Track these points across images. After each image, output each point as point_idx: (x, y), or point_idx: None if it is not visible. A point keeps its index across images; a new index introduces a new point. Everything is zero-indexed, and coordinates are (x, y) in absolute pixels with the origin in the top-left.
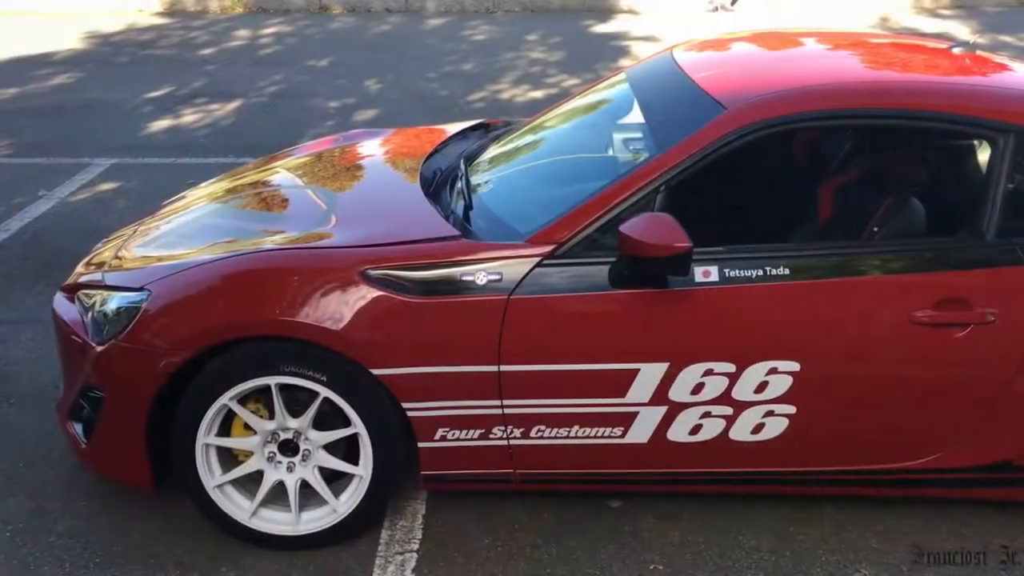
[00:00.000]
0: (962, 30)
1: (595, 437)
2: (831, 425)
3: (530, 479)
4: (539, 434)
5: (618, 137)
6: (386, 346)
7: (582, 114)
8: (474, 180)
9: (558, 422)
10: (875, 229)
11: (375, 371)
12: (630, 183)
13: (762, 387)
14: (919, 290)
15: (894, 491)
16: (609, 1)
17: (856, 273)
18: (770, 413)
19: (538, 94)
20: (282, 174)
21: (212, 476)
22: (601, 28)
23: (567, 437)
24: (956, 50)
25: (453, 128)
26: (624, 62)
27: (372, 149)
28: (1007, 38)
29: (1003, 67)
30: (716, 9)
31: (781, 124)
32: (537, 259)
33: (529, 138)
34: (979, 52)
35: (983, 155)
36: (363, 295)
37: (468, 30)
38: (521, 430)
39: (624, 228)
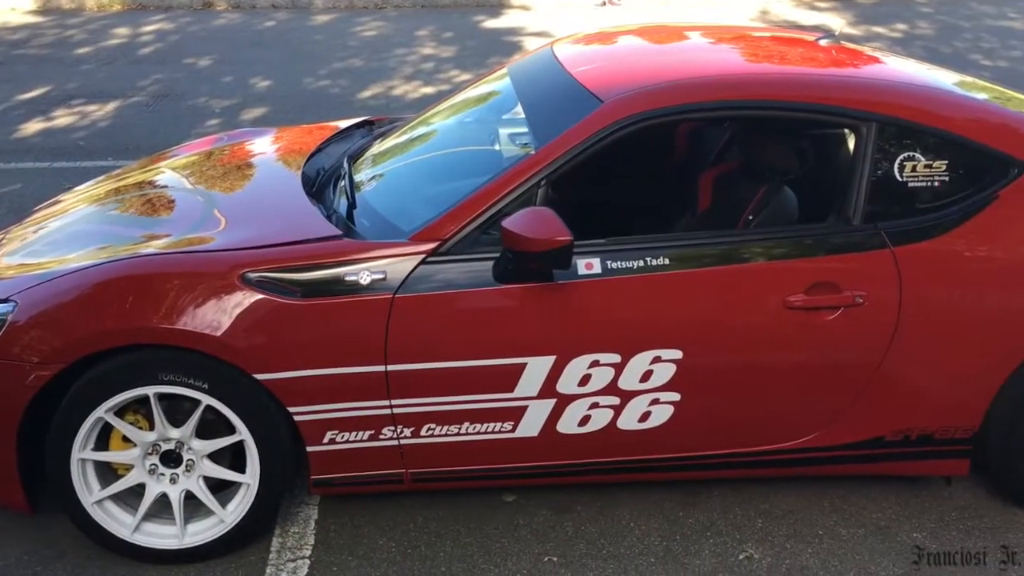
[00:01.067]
0: (838, 22)
1: (486, 433)
2: (715, 410)
3: (423, 478)
4: (429, 432)
5: (500, 132)
6: (269, 350)
7: (464, 110)
8: (357, 178)
9: (448, 419)
10: (750, 217)
11: (258, 376)
12: (511, 178)
13: (647, 376)
14: (792, 276)
15: (778, 471)
16: None
17: (733, 261)
18: (656, 401)
19: (430, 90)
20: (161, 176)
21: (90, 492)
22: (493, 23)
23: (458, 434)
24: (823, 42)
25: (338, 126)
26: (516, 57)
27: (255, 149)
28: (880, 29)
29: (867, 58)
30: (604, 4)
31: (656, 117)
32: (421, 257)
33: (412, 135)
34: (845, 43)
35: (849, 144)
36: (243, 299)
37: (357, 26)
38: (411, 429)
39: (506, 223)
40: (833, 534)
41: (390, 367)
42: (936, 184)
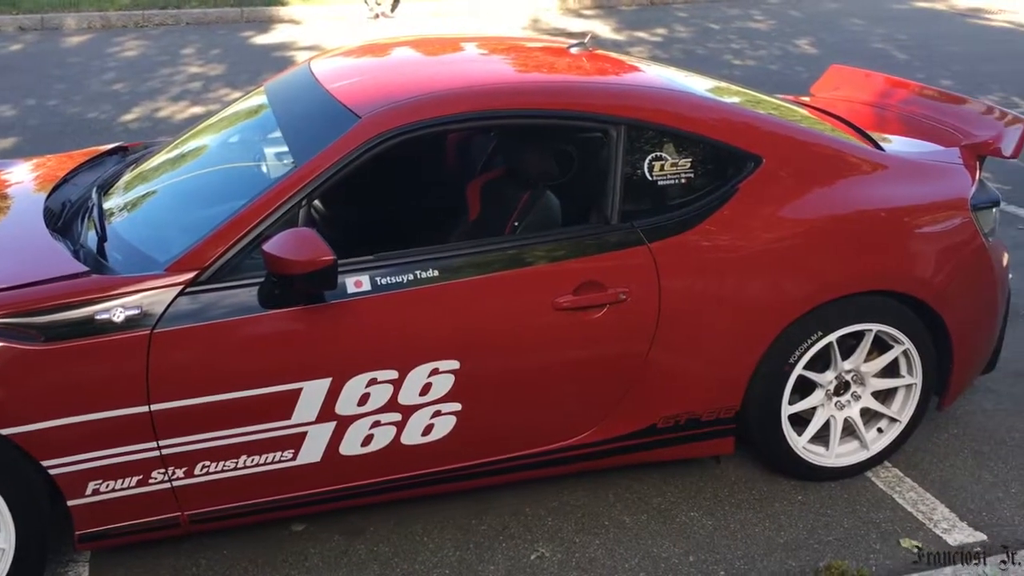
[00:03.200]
0: (603, 28)
1: (266, 464)
2: (496, 416)
3: (202, 519)
4: (204, 471)
5: (258, 153)
6: (13, 402)
7: (221, 131)
8: (108, 209)
9: (223, 455)
10: (516, 224)
11: (4, 431)
12: (270, 200)
13: (426, 389)
14: (559, 278)
15: (564, 468)
16: (269, 11)
17: (501, 268)
18: (438, 413)
19: (199, 110)
20: None
21: None
22: (262, 39)
23: (236, 469)
24: (574, 50)
25: (89, 154)
26: (273, 75)
27: None
28: (642, 34)
29: (616, 63)
30: (377, 16)
31: (414, 130)
32: (179, 288)
33: (167, 160)
34: (594, 50)
35: (602, 147)
36: None
37: (116, 46)
38: (184, 469)
39: (266, 247)
40: (619, 523)
41: (154, 407)
42: (683, 181)
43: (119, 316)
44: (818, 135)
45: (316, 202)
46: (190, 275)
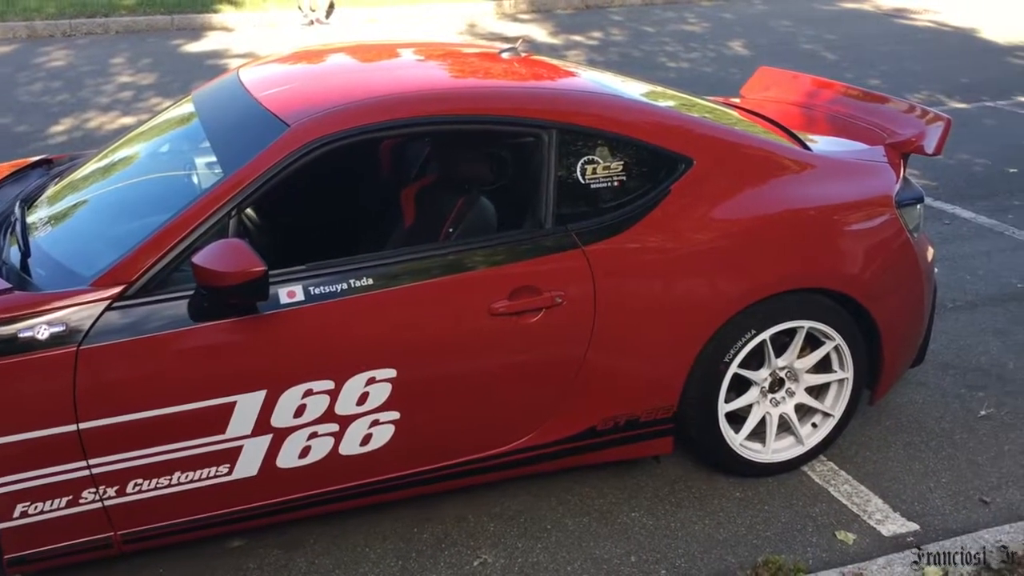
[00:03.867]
0: (540, 32)
1: (201, 480)
2: (435, 423)
3: (135, 538)
4: (137, 489)
5: (185, 163)
6: None
7: (148, 142)
8: (32, 223)
9: (156, 472)
10: (451, 230)
11: None
12: (199, 211)
13: (364, 398)
14: (494, 283)
15: (505, 473)
16: (200, 19)
17: (436, 275)
18: (376, 422)
19: (130, 120)
20: None
21: None
22: (194, 47)
23: (169, 486)
24: (506, 55)
25: (13, 167)
26: (201, 84)
27: None
28: (578, 37)
29: (548, 68)
30: (312, 23)
31: (344, 138)
32: (106, 303)
33: (93, 172)
34: (530, 55)
35: (535, 151)
36: None
37: (42, 56)
38: (115, 488)
39: (195, 259)
40: (561, 527)
41: (83, 425)
42: (616, 184)
43: (43, 333)
44: (748, 136)
45: (250, 211)
46: (117, 289)
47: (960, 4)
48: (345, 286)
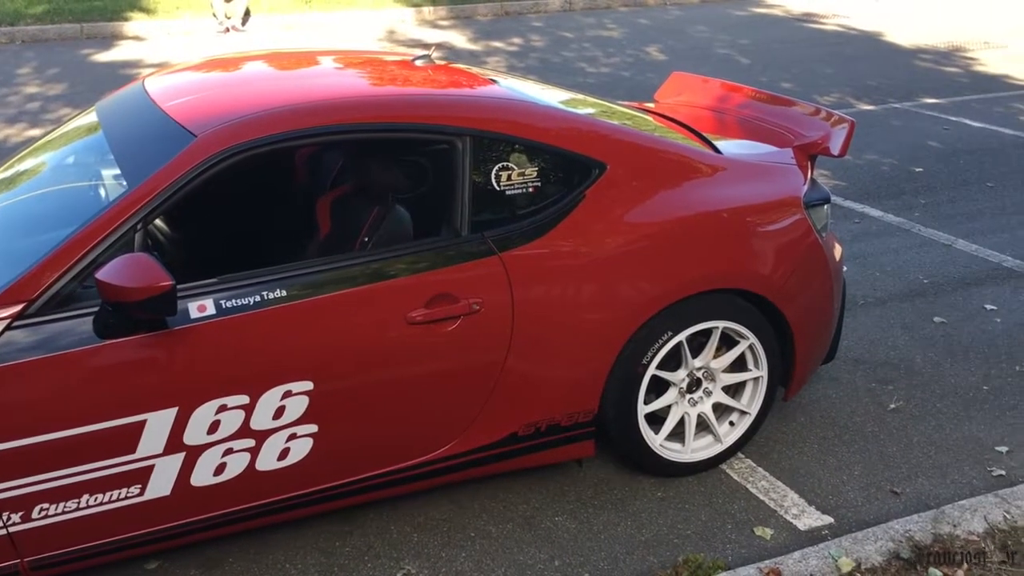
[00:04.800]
0: (460, 38)
1: (111, 501)
2: (354, 435)
3: (44, 564)
4: (43, 514)
5: (88, 176)
6: None
7: (50, 154)
8: None
9: (63, 495)
10: (366, 239)
11: None
12: (103, 224)
13: (280, 412)
14: (411, 292)
15: (428, 483)
16: (111, 27)
17: (351, 285)
18: (293, 436)
19: (37, 131)
20: None
21: None
22: (105, 56)
23: (78, 509)
24: (419, 62)
25: None
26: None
27: None
28: (498, 44)
29: (462, 75)
30: (227, 30)
31: (253, 147)
32: (6, 322)
33: None
34: (449, 63)
35: (450, 159)
36: None
37: None
38: (20, 514)
39: (99, 274)
40: (485, 534)
41: None
42: (531, 190)
43: None
44: (660, 140)
45: (160, 223)
46: (17, 308)
47: (867, 9)
48: (258, 298)
